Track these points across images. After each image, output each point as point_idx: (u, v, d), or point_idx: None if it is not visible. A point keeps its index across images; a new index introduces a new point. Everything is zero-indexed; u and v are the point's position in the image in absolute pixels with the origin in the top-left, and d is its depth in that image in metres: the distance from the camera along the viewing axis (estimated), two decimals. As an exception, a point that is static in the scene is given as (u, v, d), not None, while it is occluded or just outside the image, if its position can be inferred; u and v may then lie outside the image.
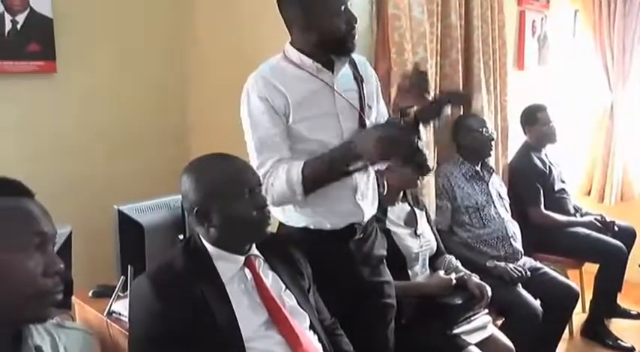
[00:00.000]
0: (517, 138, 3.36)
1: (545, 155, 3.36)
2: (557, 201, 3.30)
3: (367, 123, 1.73)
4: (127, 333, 1.69)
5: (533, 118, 3.33)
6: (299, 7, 1.62)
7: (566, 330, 2.93)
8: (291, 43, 1.70)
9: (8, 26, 2.46)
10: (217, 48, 2.88)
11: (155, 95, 2.92)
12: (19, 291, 1.04)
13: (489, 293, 2.23)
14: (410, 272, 2.24)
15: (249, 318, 1.41)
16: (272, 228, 1.56)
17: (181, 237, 1.88)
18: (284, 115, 1.63)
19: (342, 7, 1.61)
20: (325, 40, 1.63)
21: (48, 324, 1.17)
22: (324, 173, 1.60)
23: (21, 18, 2.49)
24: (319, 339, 1.52)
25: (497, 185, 2.95)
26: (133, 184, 2.67)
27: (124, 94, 2.81)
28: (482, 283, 2.26)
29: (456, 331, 2.15)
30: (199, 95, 2.99)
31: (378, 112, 1.83)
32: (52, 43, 2.57)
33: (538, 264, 2.85)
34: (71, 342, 1.19)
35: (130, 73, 2.83)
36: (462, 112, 2.94)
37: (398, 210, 2.30)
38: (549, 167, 3.32)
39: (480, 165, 2.88)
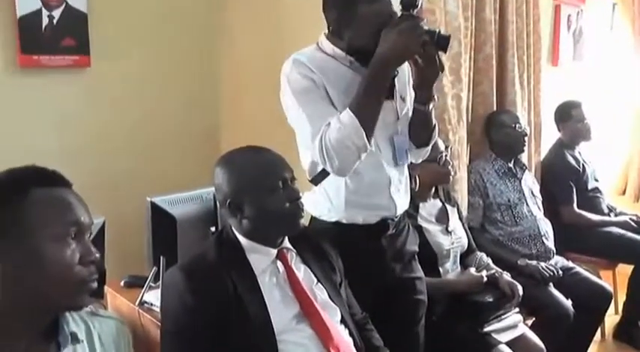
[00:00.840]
0: (550, 135, 3.30)
1: (579, 153, 3.29)
2: (591, 200, 3.23)
3: (399, 114, 1.72)
4: (159, 323, 1.72)
5: (567, 115, 3.26)
6: (335, 13, 1.64)
7: (598, 332, 2.87)
8: (326, 36, 1.69)
9: (45, 21, 2.51)
10: (250, 44, 2.90)
11: (188, 90, 2.94)
12: (56, 279, 1.05)
13: (520, 292, 2.20)
14: (441, 269, 2.22)
15: (280, 311, 1.41)
16: (304, 222, 1.54)
17: (213, 229, 1.89)
18: (325, 92, 1.61)
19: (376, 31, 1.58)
20: (352, 51, 1.64)
21: (83, 312, 1.19)
22: (368, 96, 1.55)
23: (57, 13, 2.54)
24: (350, 334, 1.52)
25: (530, 182, 2.90)
26: (165, 177, 2.70)
27: (156, 89, 2.84)
28: (514, 281, 2.23)
29: (487, 329, 2.13)
30: (231, 90, 3.01)
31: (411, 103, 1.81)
32: (87, 38, 2.61)
33: (570, 264, 2.80)
34: (105, 330, 1.21)
35: (163, 69, 2.86)
36: (494, 108, 2.90)
37: (429, 207, 2.28)
38: (583, 165, 3.25)
39: (512, 162, 2.83)
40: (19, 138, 2.46)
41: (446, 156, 2.23)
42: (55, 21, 2.53)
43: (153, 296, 1.84)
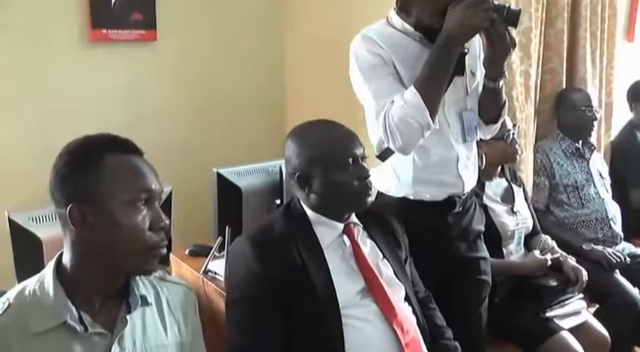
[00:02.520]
0: (622, 115, 3.16)
1: (652, 134, 3.15)
2: (663, 185, 3.09)
3: (469, 90, 1.70)
4: (222, 291, 1.75)
5: (641, 95, 3.11)
6: None
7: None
8: (395, 11, 1.66)
9: (114, -3, 2.57)
10: (318, 18, 2.88)
11: (254, 63, 2.97)
12: (127, 244, 1.09)
13: (585, 278, 2.14)
14: (504, 251, 2.18)
15: (345, 285, 1.41)
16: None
17: (278, 201, 1.91)
18: (394, 68, 1.59)
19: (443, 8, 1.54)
20: (420, 27, 1.62)
21: (152, 277, 1.23)
22: (433, 73, 1.53)
23: (126, -12, 2.59)
24: (413, 311, 1.51)
25: (599, 163, 2.80)
26: (230, 149, 2.76)
27: (221, 63, 2.88)
28: (579, 266, 2.18)
29: (549, 314, 2.08)
30: (298, 63, 3.01)
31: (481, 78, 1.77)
32: (154, 13, 2.66)
33: (638, 251, 2.70)
34: (173, 295, 1.24)
35: (228, 43, 2.89)
36: (564, 86, 2.79)
37: (495, 186, 2.23)
38: (655, 148, 3.10)
39: (581, 142, 2.74)
40: (89, 109, 2.55)
41: (513, 134, 2.17)
42: (123, -4, 2.59)
43: (217, 266, 1.88)
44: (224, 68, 2.88)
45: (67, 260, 1.11)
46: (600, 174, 2.75)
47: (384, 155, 1.67)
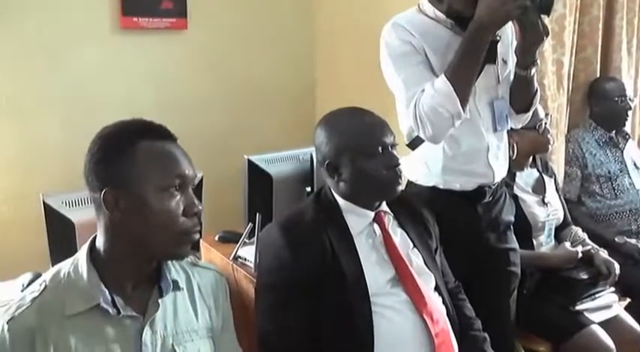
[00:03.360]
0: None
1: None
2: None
3: (500, 78, 1.68)
4: (252, 278, 1.76)
5: (678, 84, 3.02)
6: None
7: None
8: None
9: (146, -16, 2.59)
10: (345, 5, 2.87)
11: (283, 51, 2.98)
12: (160, 229, 1.09)
13: (617, 271, 2.10)
14: (534, 242, 2.15)
15: (375, 274, 1.41)
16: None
17: (309, 189, 1.91)
18: (425, 56, 1.58)
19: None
20: (451, 14, 1.60)
21: (184, 262, 1.24)
22: (464, 62, 1.50)
23: (156, -24, 2.61)
24: (443, 302, 1.50)
25: (633, 153, 2.73)
26: (260, 136, 2.77)
27: (251, 51, 2.89)
28: (611, 259, 2.14)
29: (579, 307, 2.05)
30: (327, 51, 3.01)
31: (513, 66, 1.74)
32: (184, 1, 2.68)
33: (674, 245, 2.64)
34: (204, 280, 1.25)
35: (258, 31, 2.90)
36: (597, 75, 2.73)
37: (526, 176, 2.20)
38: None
39: (614, 131, 2.68)
40: (120, 95, 2.58)
41: (545, 124, 2.13)
42: (154, -16, 2.61)
43: (247, 252, 1.88)
44: (254, 56, 2.89)
45: (100, 244, 1.13)
46: (635, 164, 2.69)
47: (414, 144, 1.66)
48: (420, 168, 1.70)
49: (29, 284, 1.57)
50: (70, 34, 2.48)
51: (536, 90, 1.73)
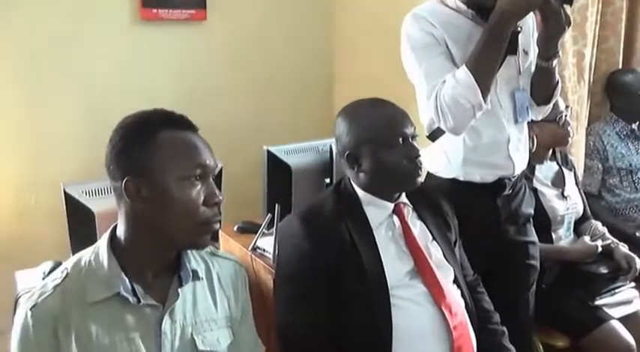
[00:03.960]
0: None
1: None
2: None
3: (521, 69, 1.67)
4: (270, 268, 1.76)
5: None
6: None
7: None
8: None
9: (165, -24, 2.59)
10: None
11: (303, 42, 2.96)
12: (181, 219, 1.10)
13: (638, 266, 2.08)
14: (553, 236, 2.13)
15: (394, 265, 1.40)
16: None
17: (328, 180, 1.90)
18: (446, 47, 1.57)
19: None
20: (472, 5, 1.59)
21: (203, 252, 1.24)
22: (485, 52, 1.49)
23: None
24: (462, 295, 1.49)
25: (655, 145, 2.69)
26: (280, 127, 2.76)
27: (271, 42, 2.89)
28: (631, 254, 2.11)
29: (598, 302, 2.03)
30: (347, 42, 2.99)
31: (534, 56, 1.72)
32: (204, -8, 2.68)
33: (696, 239, 2.60)
34: (224, 270, 1.26)
35: (277, 22, 2.89)
36: (620, 67, 2.68)
37: (546, 169, 2.18)
38: None
39: (637, 124, 2.64)
40: (140, 86, 2.59)
41: (566, 116, 2.11)
42: (174, -24, 2.61)
43: (266, 243, 1.89)
44: (274, 47, 2.89)
45: (121, 232, 1.13)
46: (657, 158, 2.66)
47: (435, 135, 1.65)
48: (440, 159, 1.69)
49: (50, 272, 1.59)
50: (92, 25, 2.49)
51: (558, 81, 1.72)
